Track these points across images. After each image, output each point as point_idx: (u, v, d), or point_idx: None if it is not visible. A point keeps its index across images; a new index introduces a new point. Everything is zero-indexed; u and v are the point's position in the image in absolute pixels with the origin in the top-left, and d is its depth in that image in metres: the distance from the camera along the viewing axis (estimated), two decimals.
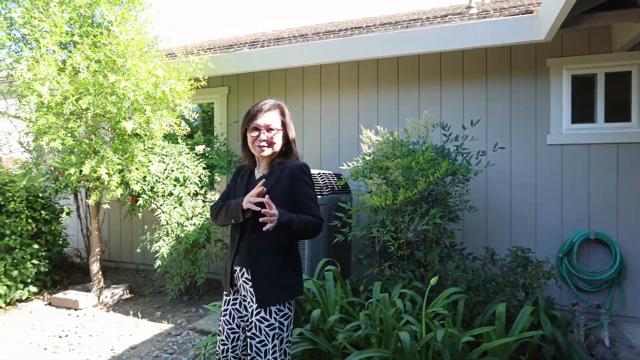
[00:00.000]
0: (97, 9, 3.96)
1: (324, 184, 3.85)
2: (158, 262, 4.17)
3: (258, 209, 1.74)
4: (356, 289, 3.66)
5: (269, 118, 1.93)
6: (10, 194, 4.43)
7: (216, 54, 5.06)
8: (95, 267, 4.69)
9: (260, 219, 1.70)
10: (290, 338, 1.92)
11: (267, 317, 1.82)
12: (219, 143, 5.17)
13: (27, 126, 3.70)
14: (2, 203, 4.50)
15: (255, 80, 5.52)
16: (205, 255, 4.75)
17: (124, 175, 4.10)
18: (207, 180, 4.62)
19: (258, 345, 1.82)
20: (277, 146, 1.94)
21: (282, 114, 1.99)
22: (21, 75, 3.35)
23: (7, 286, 4.44)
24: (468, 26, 4.01)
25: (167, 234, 4.36)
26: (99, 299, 4.62)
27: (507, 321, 3.00)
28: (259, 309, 1.83)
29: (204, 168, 4.64)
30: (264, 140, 1.90)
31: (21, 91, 3.49)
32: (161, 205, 4.28)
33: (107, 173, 3.83)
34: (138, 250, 4.78)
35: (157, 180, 4.33)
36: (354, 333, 2.59)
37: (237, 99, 5.65)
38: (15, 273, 4.46)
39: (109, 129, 4.05)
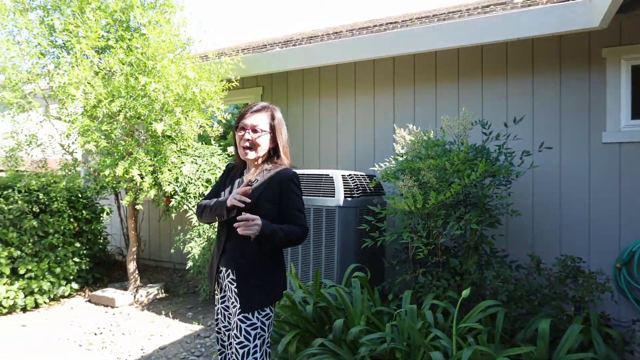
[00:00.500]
0: (131, 13, 4.03)
1: (354, 185, 3.70)
2: (190, 263, 4.18)
3: (242, 205, 1.73)
4: (387, 296, 3.48)
5: (257, 119, 1.91)
6: (54, 194, 4.61)
7: (249, 54, 5.04)
8: (132, 266, 4.80)
9: (235, 224, 1.67)
10: (270, 339, 1.94)
11: (250, 316, 1.83)
12: None
13: (67, 129, 3.83)
14: (47, 203, 4.70)
15: (290, 80, 5.44)
16: None
17: (156, 177, 4.15)
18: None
19: (237, 346, 1.82)
20: (262, 150, 1.91)
21: (272, 117, 1.96)
22: (58, 80, 3.46)
23: (51, 282, 4.63)
24: (512, 15, 3.70)
25: (199, 235, 4.37)
26: (134, 298, 4.72)
27: (552, 339, 2.71)
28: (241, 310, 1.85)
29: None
30: (248, 140, 1.87)
31: (58, 96, 3.60)
32: (193, 206, 4.29)
33: (139, 174, 3.88)
34: (172, 250, 4.84)
35: (189, 182, 4.35)
36: (379, 346, 2.42)
37: (270, 99, 5.60)
38: (58, 270, 4.64)
39: (142, 131, 4.11)
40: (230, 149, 4.68)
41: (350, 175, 3.74)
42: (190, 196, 4.35)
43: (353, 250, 3.61)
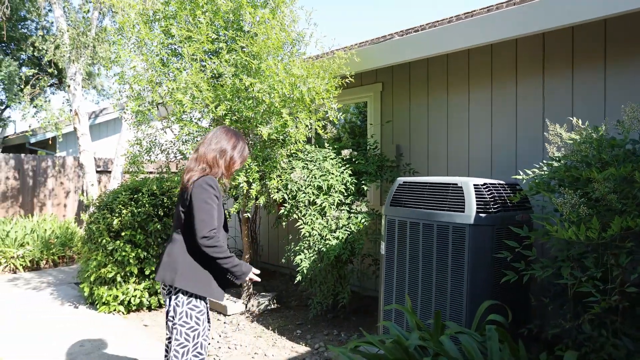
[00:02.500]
0: (241, 12, 3.84)
1: (491, 197, 2.91)
2: (299, 277, 3.85)
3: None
4: (534, 342, 2.63)
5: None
6: (176, 199, 4.73)
7: (364, 47, 4.52)
8: None
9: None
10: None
11: None
12: (369, 146, 4.62)
13: (177, 135, 3.81)
14: (170, 207, 4.86)
15: (412, 73, 4.79)
16: (351, 272, 4.27)
17: (264, 183, 3.91)
18: (353, 188, 4.12)
19: None
20: None
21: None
22: (166, 86, 3.42)
23: None
24: None
25: (309, 247, 4.03)
26: (246, 307, 4.59)
27: None
28: None
29: (350, 175, 4.16)
30: None
31: (168, 102, 3.58)
32: (303, 215, 3.95)
33: (245, 181, 3.67)
34: (283, 260, 4.60)
35: (298, 189, 4.03)
36: None
37: (391, 96, 5.01)
38: None
39: (250, 136, 3.91)
40: (345, 152, 4.24)
41: (485, 184, 2.96)
42: (300, 204, 4.02)
43: (488, 282, 2.83)
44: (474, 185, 2.91)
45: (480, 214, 2.82)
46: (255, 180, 3.76)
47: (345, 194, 4.15)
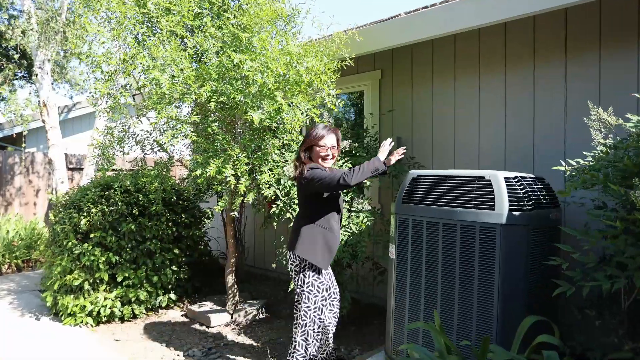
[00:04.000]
0: None
1: (524, 193, 2.49)
2: (292, 285, 3.38)
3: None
4: None
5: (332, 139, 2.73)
6: (153, 196, 4.21)
7: (365, 27, 4.08)
8: (230, 280, 4.18)
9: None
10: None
11: None
12: (369, 137, 4.18)
13: (153, 122, 3.29)
14: (146, 205, 4.32)
15: (415, 58, 4.36)
16: (350, 278, 3.82)
17: (254, 178, 3.42)
18: None
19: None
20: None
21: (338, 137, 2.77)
22: (140, 63, 2.90)
23: (148, 292, 4.24)
24: None
25: None
26: (231, 317, 4.09)
27: None
28: None
29: (350, 168, 3.70)
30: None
31: (142, 83, 3.06)
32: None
33: (233, 174, 3.18)
34: (273, 265, 4.12)
35: (293, 184, 3.55)
36: None
37: (391, 84, 4.58)
38: (155, 279, 4.22)
39: (239, 123, 3.41)
40: (344, 144, 3.79)
41: (516, 178, 2.54)
42: (294, 202, 3.55)
43: (523, 293, 2.41)
44: (505, 178, 2.48)
45: (514, 212, 2.40)
46: (244, 174, 3.27)
47: (345, 191, 3.70)
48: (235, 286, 4.21)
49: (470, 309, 2.46)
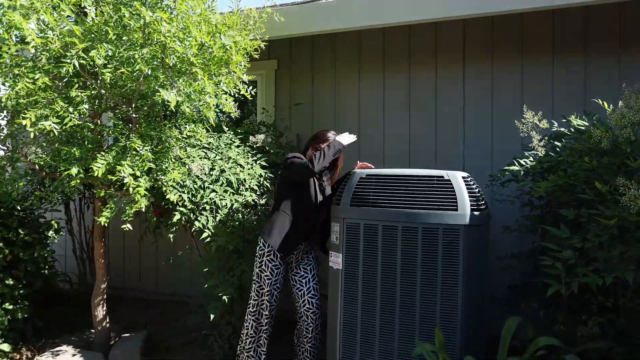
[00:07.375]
0: None
1: (479, 193, 2.49)
2: (212, 315, 2.73)
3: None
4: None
5: None
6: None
7: (286, 6, 3.64)
8: (100, 312, 3.19)
9: None
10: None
11: None
12: (277, 132, 3.74)
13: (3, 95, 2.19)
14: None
15: (315, 50, 4.12)
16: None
17: (154, 177, 2.64)
18: (268, 184, 3.19)
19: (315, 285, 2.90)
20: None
21: None
22: None
23: None
24: None
25: (230, 270, 2.94)
26: None
27: None
28: None
29: (262, 167, 3.22)
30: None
31: None
32: (209, 224, 2.82)
33: (132, 174, 2.36)
34: (167, 286, 3.31)
35: (201, 186, 2.87)
36: None
37: (289, 75, 4.23)
38: None
39: (133, 105, 2.56)
40: (258, 138, 3.31)
41: (469, 177, 2.52)
42: (203, 208, 2.87)
43: (482, 292, 2.40)
44: (463, 178, 2.43)
45: (474, 212, 2.36)
46: (143, 174, 2.47)
47: (260, 192, 3.20)
48: (108, 320, 3.24)
49: (433, 314, 2.33)
